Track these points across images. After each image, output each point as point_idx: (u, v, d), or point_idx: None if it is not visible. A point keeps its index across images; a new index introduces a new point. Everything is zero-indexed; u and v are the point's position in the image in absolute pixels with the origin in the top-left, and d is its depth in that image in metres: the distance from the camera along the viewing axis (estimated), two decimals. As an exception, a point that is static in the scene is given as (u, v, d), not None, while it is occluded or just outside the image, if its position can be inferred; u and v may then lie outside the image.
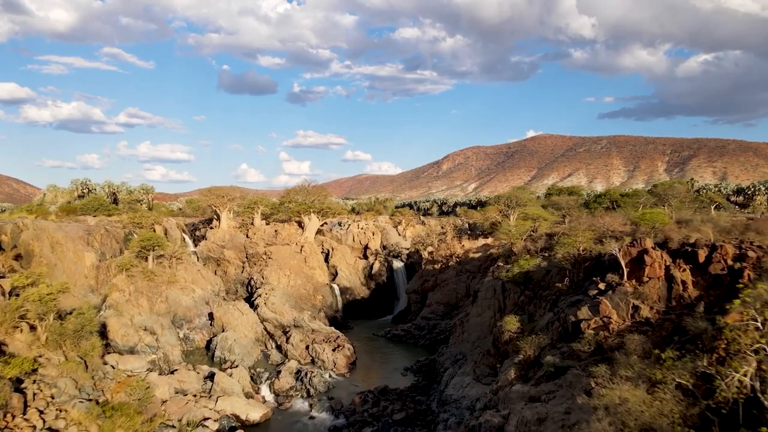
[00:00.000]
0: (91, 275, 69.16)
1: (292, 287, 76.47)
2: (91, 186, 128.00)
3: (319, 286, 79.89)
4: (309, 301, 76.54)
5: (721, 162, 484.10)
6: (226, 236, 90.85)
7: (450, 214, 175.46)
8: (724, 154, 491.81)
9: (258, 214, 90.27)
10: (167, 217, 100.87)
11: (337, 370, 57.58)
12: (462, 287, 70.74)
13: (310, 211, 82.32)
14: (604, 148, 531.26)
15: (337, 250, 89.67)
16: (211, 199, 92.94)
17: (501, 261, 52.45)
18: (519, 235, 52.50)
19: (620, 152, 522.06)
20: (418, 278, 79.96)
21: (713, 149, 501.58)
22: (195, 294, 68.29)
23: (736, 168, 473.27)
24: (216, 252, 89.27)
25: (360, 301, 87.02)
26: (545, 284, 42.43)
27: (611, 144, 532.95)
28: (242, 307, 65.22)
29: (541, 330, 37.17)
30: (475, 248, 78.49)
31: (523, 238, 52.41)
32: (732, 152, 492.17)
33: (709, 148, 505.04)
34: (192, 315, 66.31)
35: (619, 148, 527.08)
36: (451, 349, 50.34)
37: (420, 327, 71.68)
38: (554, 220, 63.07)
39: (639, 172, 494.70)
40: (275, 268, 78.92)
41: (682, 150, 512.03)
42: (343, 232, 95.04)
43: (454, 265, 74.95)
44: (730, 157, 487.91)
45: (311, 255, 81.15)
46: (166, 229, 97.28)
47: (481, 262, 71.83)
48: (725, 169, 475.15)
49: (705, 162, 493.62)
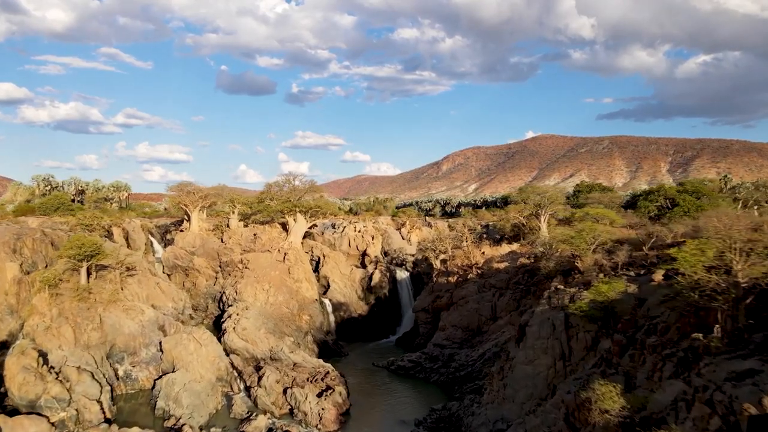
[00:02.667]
0: (11, 291, 53.03)
1: (272, 305, 60.21)
2: (55, 183, 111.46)
3: (306, 303, 63.65)
4: (292, 323, 60.28)
5: (725, 162, 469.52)
6: (196, 240, 74.62)
7: (454, 215, 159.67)
8: (728, 155, 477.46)
9: (235, 215, 74.07)
10: (131, 218, 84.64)
11: (323, 427, 41.35)
12: (486, 307, 54.53)
13: (295, 210, 66.15)
14: (606, 149, 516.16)
15: (330, 257, 73.46)
16: (180, 196, 76.75)
17: (557, 281, 36.23)
18: (586, 245, 35.98)
19: (622, 153, 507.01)
20: (428, 293, 63.73)
21: (717, 150, 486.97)
22: (144, 317, 51.94)
23: (740, 169, 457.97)
24: (184, 259, 73.02)
25: (357, 320, 70.81)
26: (646, 324, 26.26)
27: (613, 144, 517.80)
28: (201, 336, 48.85)
29: (663, 411, 21.11)
30: (499, 256, 62.33)
31: (592, 249, 36.06)
32: (736, 153, 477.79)
33: (713, 149, 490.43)
34: (137, 345, 49.98)
35: (621, 148, 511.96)
36: (487, 411, 34.06)
37: (432, 357, 55.47)
38: (623, 223, 46.95)
39: (641, 172, 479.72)
40: (251, 280, 62.71)
41: (685, 150, 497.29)
42: (337, 236, 78.82)
43: (475, 278, 58.77)
44: (734, 158, 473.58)
45: (297, 264, 64.90)
46: (127, 233, 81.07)
47: (510, 276, 55.65)
48: (729, 169, 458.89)
49: (708, 162, 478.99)
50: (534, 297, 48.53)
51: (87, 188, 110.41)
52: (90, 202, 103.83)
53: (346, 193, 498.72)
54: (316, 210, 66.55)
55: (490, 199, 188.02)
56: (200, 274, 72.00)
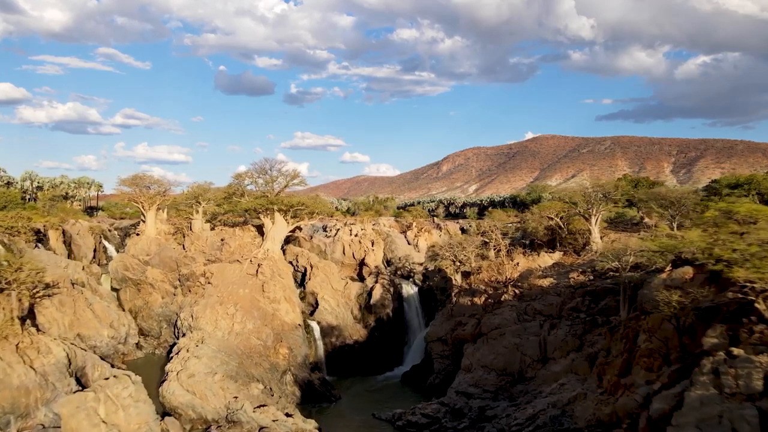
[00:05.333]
0: None
1: (237, 336, 43.96)
2: (7, 178, 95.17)
3: (285, 331, 47.40)
4: (264, 360, 44.04)
5: (730, 163, 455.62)
6: (152, 247, 58.53)
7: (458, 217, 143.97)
8: (732, 155, 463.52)
9: (199, 214, 57.91)
10: (78, 219, 68.46)
11: None
12: (531, 343, 38.29)
13: (273, 208, 49.95)
14: (608, 149, 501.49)
15: (319, 268, 57.29)
16: (133, 192, 60.69)
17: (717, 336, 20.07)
18: None
19: (624, 153, 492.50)
20: (445, 318, 47.49)
21: (721, 150, 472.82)
22: (48, 359, 35.72)
23: (745, 170, 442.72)
24: (136, 271, 56.89)
25: (352, 348, 54.68)
26: None
27: (615, 145, 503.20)
28: (121, 391, 32.54)
29: None
30: (540, 270, 46.26)
31: None
32: (740, 153, 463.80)
33: (717, 149, 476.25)
34: (32, 403, 33.82)
35: (624, 149, 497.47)
36: None
37: (455, 410, 39.19)
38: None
39: (644, 173, 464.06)
40: (213, 301, 46.52)
41: (688, 151, 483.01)
42: (329, 242, 62.64)
43: (511, 300, 42.60)
44: (739, 158, 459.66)
45: (273, 279, 48.69)
46: (71, 237, 64.89)
47: (563, 299, 39.52)
48: (734, 170, 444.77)
49: (712, 163, 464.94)
50: (609, 333, 32.38)
51: (43, 184, 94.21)
52: (45, 200, 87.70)
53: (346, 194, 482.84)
54: (299, 208, 50.37)
55: (497, 198, 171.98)
56: (154, 290, 55.84)
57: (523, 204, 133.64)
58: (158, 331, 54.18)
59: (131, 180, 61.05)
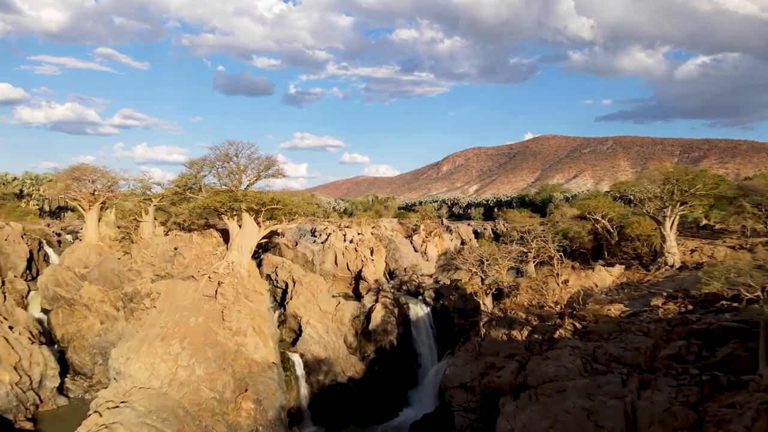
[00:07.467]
0: None
1: (182, 386, 30.70)
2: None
3: (253, 373, 34.13)
4: (220, 420, 30.78)
5: (733, 163, 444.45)
6: (91, 257, 45.40)
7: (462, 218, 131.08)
8: (736, 155, 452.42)
9: (150, 215, 44.67)
10: (8, 222, 55.20)
11: None
12: (611, 411, 24.87)
13: (240, 207, 36.78)
14: (610, 149, 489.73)
15: (303, 283, 44.05)
16: (70, 187, 47.54)
17: None
18: None
19: (627, 153, 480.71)
20: (471, 357, 34.11)
21: (724, 150, 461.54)
22: None
23: (749, 170, 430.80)
24: (70, 287, 43.72)
25: (346, 387, 41.50)
26: None
27: (617, 145, 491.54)
28: None
29: None
30: (599, 290, 33.10)
31: None
32: (744, 153, 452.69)
33: (720, 149, 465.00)
34: None
35: (626, 149, 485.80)
36: None
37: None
38: None
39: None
40: (154, 334, 33.24)
41: (691, 151, 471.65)
42: (318, 249, 49.49)
43: (570, 336, 29.40)
44: (743, 158, 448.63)
45: (237, 303, 35.46)
46: (-3, 243, 51.54)
47: (655, 340, 26.28)
48: (738, 170, 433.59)
49: (716, 163, 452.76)
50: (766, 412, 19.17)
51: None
52: (-8, 199, 74.59)
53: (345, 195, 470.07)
54: (275, 207, 37.19)
55: (504, 198, 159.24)
56: (90, 313, 42.67)
57: (532, 204, 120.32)
58: (91, 367, 41.10)
59: (69, 173, 47.95)
